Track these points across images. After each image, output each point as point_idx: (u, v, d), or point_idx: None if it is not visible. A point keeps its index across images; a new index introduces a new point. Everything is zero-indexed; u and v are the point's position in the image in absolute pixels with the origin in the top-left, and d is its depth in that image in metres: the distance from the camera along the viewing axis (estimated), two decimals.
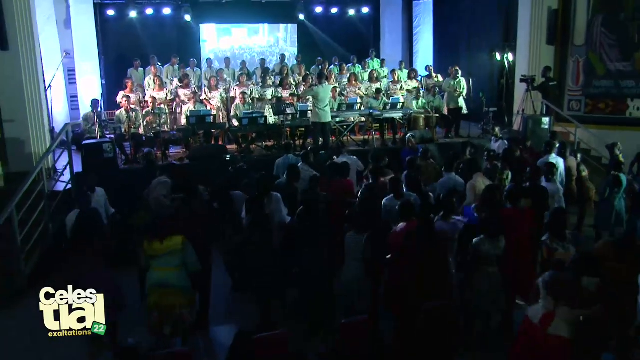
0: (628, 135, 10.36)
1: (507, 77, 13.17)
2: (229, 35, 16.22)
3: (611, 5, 11.44)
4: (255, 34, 16.50)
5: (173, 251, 5.17)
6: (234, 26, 16.20)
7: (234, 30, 16.27)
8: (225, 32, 16.19)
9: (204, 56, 15.40)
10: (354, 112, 11.38)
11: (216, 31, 16.08)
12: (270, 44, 16.66)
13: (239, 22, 16.08)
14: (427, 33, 16.24)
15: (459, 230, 5.59)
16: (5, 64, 8.90)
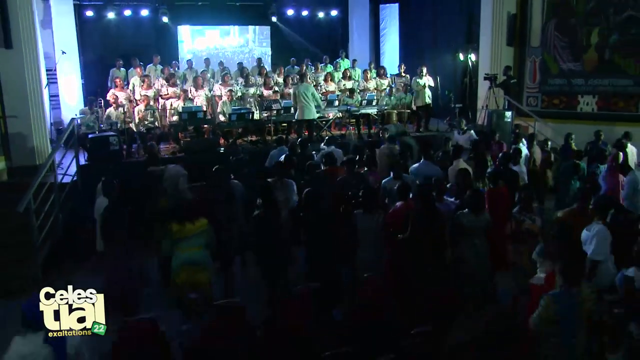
0: (579, 128, 11.39)
1: (470, 75, 14.26)
2: (202, 36, 16.75)
3: (563, 11, 12.67)
4: (227, 35, 17.08)
5: (201, 232, 5.71)
6: (207, 28, 16.75)
7: (207, 32, 16.81)
8: (200, 33, 16.73)
9: (181, 56, 15.91)
10: (333, 108, 12.21)
11: (190, 32, 16.59)
12: (241, 44, 17.26)
13: (214, 24, 16.63)
14: (394, 35, 17.21)
15: (451, 210, 6.34)
16: (9, 62, 9.36)
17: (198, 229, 5.70)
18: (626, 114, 12.05)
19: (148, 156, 9.05)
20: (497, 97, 12.43)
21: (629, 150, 9.60)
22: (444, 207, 6.39)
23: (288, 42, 17.04)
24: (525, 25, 13.13)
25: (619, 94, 12.18)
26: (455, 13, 15.13)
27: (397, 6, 16.86)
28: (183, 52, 16.31)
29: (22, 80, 9.47)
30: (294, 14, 17.05)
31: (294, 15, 17.07)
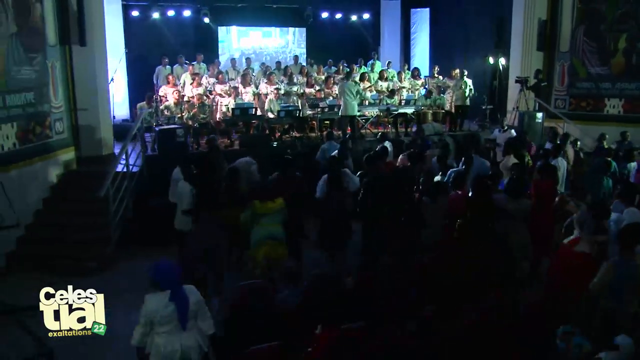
0: (605, 129, 11.78)
1: (500, 78, 14.92)
2: (246, 36, 17.56)
3: (592, 17, 13.31)
4: (269, 36, 17.86)
5: (279, 210, 6.46)
6: (251, 29, 17.56)
7: (251, 33, 17.62)
8: (244, 34, 17.55)
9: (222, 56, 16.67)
10: (373, 107, 12.91)
11: (237, 32, 17.38)
12: (282, 45, 18.03)
13: (252, 25, 17.41)
14: (424, 38, 17.92)
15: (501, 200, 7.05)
16: (82, 59, 10.01)
17: (278, 207, 6.45)
18: None
19: (210, 148, 9.77)
20: (528, 99, 13.08)
21: None
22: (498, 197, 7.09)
23: (323, 44, 17.73)
24: (555, 30, 13.77)
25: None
26: (485, 18, 15.81)
27: (428, 10, 17.58)
28: (225, 51, 17.03)
29: (93, 75, 10.16)
30: (328, 17, 17.81)
31: (328, 17, 17.83)
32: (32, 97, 9.00)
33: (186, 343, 4.18)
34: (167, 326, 4.13)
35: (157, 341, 4.18)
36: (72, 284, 4.18)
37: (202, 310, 4.31)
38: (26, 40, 8.87)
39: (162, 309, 4.10)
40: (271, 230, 6.40)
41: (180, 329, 4.16)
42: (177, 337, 4.16)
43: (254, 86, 13.04)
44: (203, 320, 4.31)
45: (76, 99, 10.11)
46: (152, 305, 4.12)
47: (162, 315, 4.09)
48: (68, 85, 9.98)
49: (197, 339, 4.27)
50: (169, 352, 4.13)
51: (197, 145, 11.18)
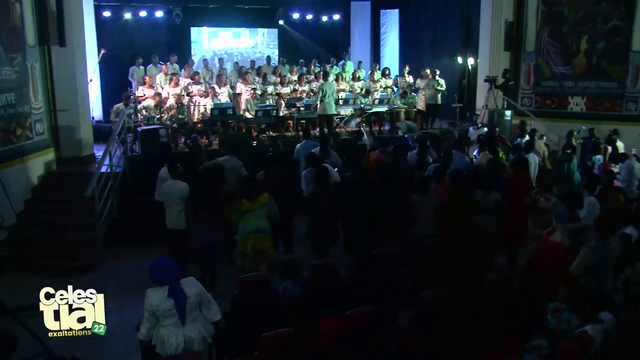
0: (569, 126, 12.43)
1: (469, 78, 15.41)
2: (217, 37, 17.60)
3: (555, 19, 13.89)
4: (238, 37, 17.96)
5: (263, 204, 6.73)
6: (221, 29, 17.63)
7: (221, 34, 17.68)
8: (214, 34, 17.60)
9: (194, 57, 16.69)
10: (349, 106, 13.21)
11: (207, 34, 17.41)
12: (252, 45, 18.15)
13: (224, 26, 17.49)
14: (393, 39, 18.31)
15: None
16: (62, 59, 9.97)
17: (262, 202, 6.73)
18: (611, 113, 13.33)
19: (192, 147, 9.91)
20: (496, 97, 13.57)
21: (618, 144, 10.86)
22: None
23: (294, 44, 17.97)
24: (521, 32, 14.31)
25: (605, 95, 13.46)
26: (453, 19, 16.31)
27: (397, 12, 17.99)
28: (196, 51, 17.09)
29: (72, 76, 10.11)
30: (299, 18, 18.01)
31: (300, 18, 18.03)
32: (12, 97, 8.96)
33: (189, 335, 4.36)
34: (170, 319, 4.31)
35: (162, 333, 4.35)
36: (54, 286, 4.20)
37: (205, 299, 4.47)
38: (6, 40, 8.82)
39: (162, 303, 4.26)
40: (257, 224, 6.67)
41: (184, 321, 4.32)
42: (181, 329, 4.34)
43: (229, 86, 13.18)
44: (208, 309, 4.49)
45: (56, 100, 10.08)
46: (153, 300, 4.28)
47: (162, 309, 4.26)
48: (47, 86, 9.95)
49: (200, 330, 4.44)
50: (172, 343, 4.30)
51: (176, 145, 11.26)
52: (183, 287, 4.37)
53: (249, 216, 6.69)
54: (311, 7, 18.05)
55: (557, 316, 4.00)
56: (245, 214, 6.70)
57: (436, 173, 7.58)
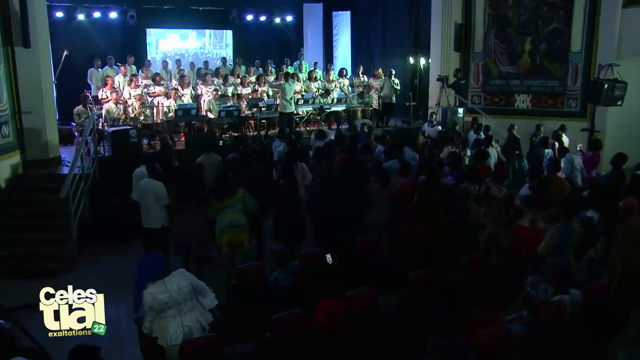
0: (516, 122, 13.03)
1: (421, 77, 16.06)
2: (164, 39, 17.55)
3: (501, 22, 14.68)
4: (186, 38, 17.93)
5: (239, 199, 6.97)
6: (169, 31, 17.55)
7: (168, 35, 17.61)
8: (162, 36, 17.53)
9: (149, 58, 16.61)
10: (308, 106, 13.57)
11: (154, 35, 17.34)
12: (199, 47, 18.16)
13: (179, 27, 17.42)
14: (345, 40, 18.76)
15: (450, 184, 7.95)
16: (26, 60, 9.81)
17: (237, 198, 6.97)
18: (554, 110, 14.24)
19: (162, 147, 10.05)
20: (448, 96, 14.23)
21: (564, 139, 11.66)
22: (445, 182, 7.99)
23: (248, 45, 18.13)
24: (469, 33, 15.02)
25: (548, 93, 14.35)
26: (404, 21, 16.95)
27: (349, 14, 18.44)
28: (152, 53, 17.01)
29: (38, 77, 9.96)
30: (253, 19, 18.21)
31: (253, 20, 18.23)
32: None
33: (188, 324, 4.59)
34: (169, 311, 4.55)
35: (162, 325, 4.59)
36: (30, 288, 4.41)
37: (199, 287, 4.70)
38: None
39: (157, 298, 4.49)
40: (232, 219, 6.91)
41: (181, 312, 4.56)
42: (179, 319, 4.58)
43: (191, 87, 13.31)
44: (204, 296, 4.73)
45: (21, 102, 9.92)
46: (149, 297, 4.51)
47: (159, 303, 4.49)
48: (12, 88, 9.79)
49: (198, 319, 4.68)
50: (172, 333, 4.54)
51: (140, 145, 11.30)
52: (174, 279, 4.59)
53: (225, 212, 6.92)
54: (265, 9, 18.28)
55: (535, 287, 4.47)
56: (221, 210, 6.93)
57: (402, 167, 8.03)
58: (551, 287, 4.51)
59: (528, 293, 4.49)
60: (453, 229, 6.78)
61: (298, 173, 8.37)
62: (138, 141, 10.18)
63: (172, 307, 4.54)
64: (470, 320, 4.43)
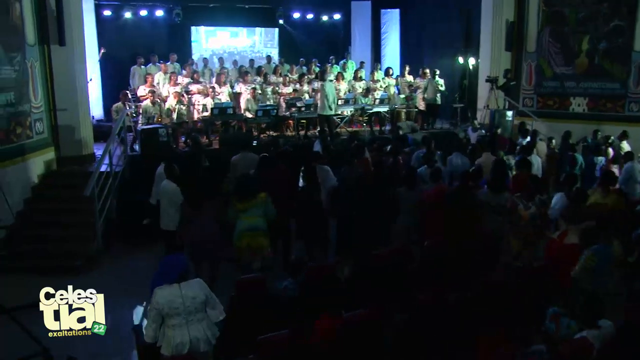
0: (570, 126, 12.34)
1: (470, 78, 15.36)
2: (214, 36, 17.56)
3: (556, 19, 13.81)
4: (236, 36, 17.92)
5: (260, 203, 6.72)
6: (219, 29, 17.57)
7: (219, 33, 17.64)
8: (212, 34, 17.55)
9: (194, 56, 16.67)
10: (349, 106, 13.16)
11: (205, 33, 17.36)
12: (249, 45, 18.11)
13: (225, 25, 17.45)
14: (394, 38, 18.26)
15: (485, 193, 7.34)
16: (62, 58, 9.95)
17: (259, 201, 6.72)
18: (613, 114, 13.24)
19: (193, 146, 9.87)
20: (498, 97, 13.51)
21: (624, 146, 10.79)
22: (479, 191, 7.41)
23: (294, 44, 17.94)
24: (522, 32, 14.22)
25: (607, 96, 13.37)
26: (454, 19, 16.26)
27: (397, 11, 17.94)
28: (196, 51, 17.04)
29: (72, 75, 10.07)
30: (300, 17, 17.98)
31: (300, 18, 18.00)
32: (12, 97, 8.94)
33: (195, 335, 4.35)
34: (177, 319, 4.31)
35: (168, 333, 4.35)
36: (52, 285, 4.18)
37: (211, 299, 4.47)
38: (6, 40, 8.80)
39: (169, 301, 4.27)
40: (252, 222, 6.67)
41: (188, 321, 4.33)
42: (186, 329, 4.34)
43: (229, 86, 13.15)
44: (213, 308, 4.48)
45: (55, 99, 10.04)
46: (160, 298, 4.28)
47: (170, 307, 4.25)
48: (47, 85, 9.92)
49: (206, 331, 4.44)
50: (178, 343, 4.30)
51: (176, 144, 11.26)
52: (189, 287, 4.37)
53: (244, 215, 6.69)
54: (311, 7, 18.01)
55: (556, 321, 3.95)
56: (242, 213, 6.69)
57: (432, 173, 7.53)
58: (574, 322, 3.96)
59: (547, 327, 3.98)
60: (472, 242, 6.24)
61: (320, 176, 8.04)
62: (168, 140, 10.07)
63: (181, 315, 4.33)
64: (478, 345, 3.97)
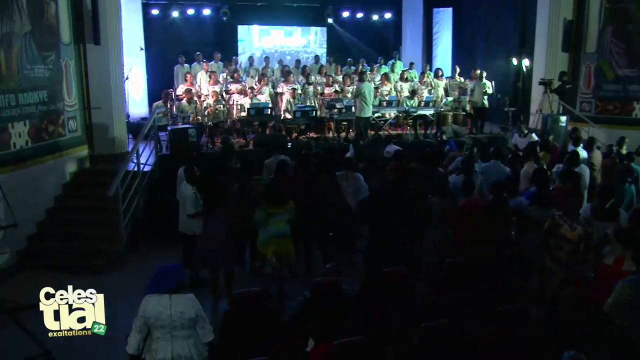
0: (633, 134, 11.43)
1: (524, 80, 14.51)
2: (267, 35, 17.41)
3: (621, 17, 12.80)
4: (290, 36, 17.68)
5: (287, 210, 6.55)
6: (272, 27, 17.40)
7: (272, 32, 17.46)
8: (265, 33, 17.39)
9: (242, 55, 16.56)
10: (392, 108, 12.66)
11: (258, 32, 17.26)
12: (303, 45, 17.83)
13: (271, 24, 17.25)
14: (446, 38, 17.53)
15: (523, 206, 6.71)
16: (96, 57, 9.95)
17: (287, 208, 6.56)
18: None
19: (223, 147, 9.70)
20: (552, 101, 12.68)
21: None
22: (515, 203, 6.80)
23: (343, 43, 17.54)
24: (581, 31, 13.29)
25: None
26: (509, 18, 15.42)
27: (450, 10, 17.19)
28: (248, 49, 16.93)
29: (107, 74, 10.07)
30: (349, 16, 17.55)
31: (349, 17, 17.56)
32: (45, 95, 8.98)
33: (178, 351, 4.11)
34: (161, 331, 4.09)
35: (152, 347, 4.14)
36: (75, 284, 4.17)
37: (200, 318, 4.23)
38: (40, 39, 8.84)
39: (157, 312, 4.06)
40: (279, 229, 6.54)
41: (173, 336, 4.09)
42: (170, 344, 4.10)
43: (272, 85, 12.93)
44: (202, 328, 4.23)
45: (90, 98, 10.06)
46: (150, 307, 4.08)
47: (157, 318, 4.05)
48: (82, 84, 9.95)
49: (190, 349, 4.18)
50: (160, 358, 4.08)
51: (212, 144, 11.12)
52: (180, 301, 4.13)
53: (272, 220, 6.54)
54: (361, 5, 17.56)
55: None
56: (270, 217, 6.52)
57: (464, 184, 6.96)
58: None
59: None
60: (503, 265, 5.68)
61: (348, 184, 7.66)
62: (197, 140, 9.92)
63: (166, 328, 4.09)
64: None
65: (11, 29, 8.21)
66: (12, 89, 8.26)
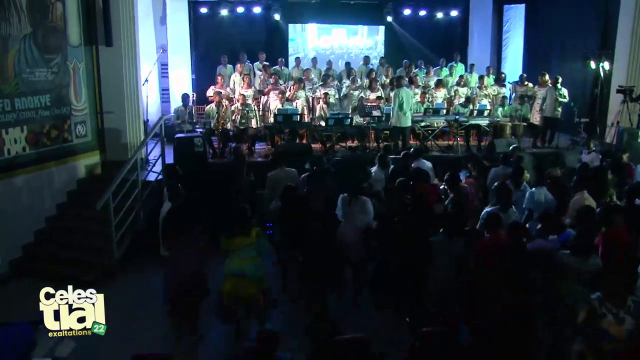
0: None
1: (602, 86, 12.60)
2: (328, 35, 16.33)
3: None
4: (355, 35, 16.51)
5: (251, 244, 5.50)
6: (335, 26, 16.27)
7: (334, 31, 16.35)
8: (326, 31, 16.31)
9: (290, 55, 15.69)
10: (440, 117, 11.30)
11: (317, 30, 16.22)
12: (370, 46, 16.56)
13: (326, 22, 16.12)
14: (518, 38, 15.80)
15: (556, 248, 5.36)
16: (108, 60, 9.46)
17: (249, 241, 5.50)
18: None
19: (234, 158, 8.87)
20: (632, 113, 10.82)
21: None
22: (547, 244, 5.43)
23: (402, 44, 16.17)
24: None
25: None
26: (589, 15, 13.46)
27: (523, 7, 15.44)
28: (298, 49, 16.05)
29: (120, 77, 9.53)
30: (411, 14, 16.11)
31: (411, 15, 16.12)
32: (47, 99, 8.55)
33: None
34: None
35: None
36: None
37: None
38: (42, 41, 8.43)
39: None
40: (240, 266, 5.46)
41: None
42: None
43: (309, 90, 11.95)
44: None
45: (102, 102, 9.54)
46: None
47: None
48: (94, 87, 9.46)
49: None
50: None
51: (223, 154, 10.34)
52: None
53: (233, 255, 5.50)
54: (425, 2, 16.06)
55: None
56: (231, 252, 5.51)
57: (489, 218, 5.63)
58: None
59: None
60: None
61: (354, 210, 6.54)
62: (204, 150, 9.14)
63: None
64: None
65: (7, 31, 7.80)
66: (7, 93, 7.86)
